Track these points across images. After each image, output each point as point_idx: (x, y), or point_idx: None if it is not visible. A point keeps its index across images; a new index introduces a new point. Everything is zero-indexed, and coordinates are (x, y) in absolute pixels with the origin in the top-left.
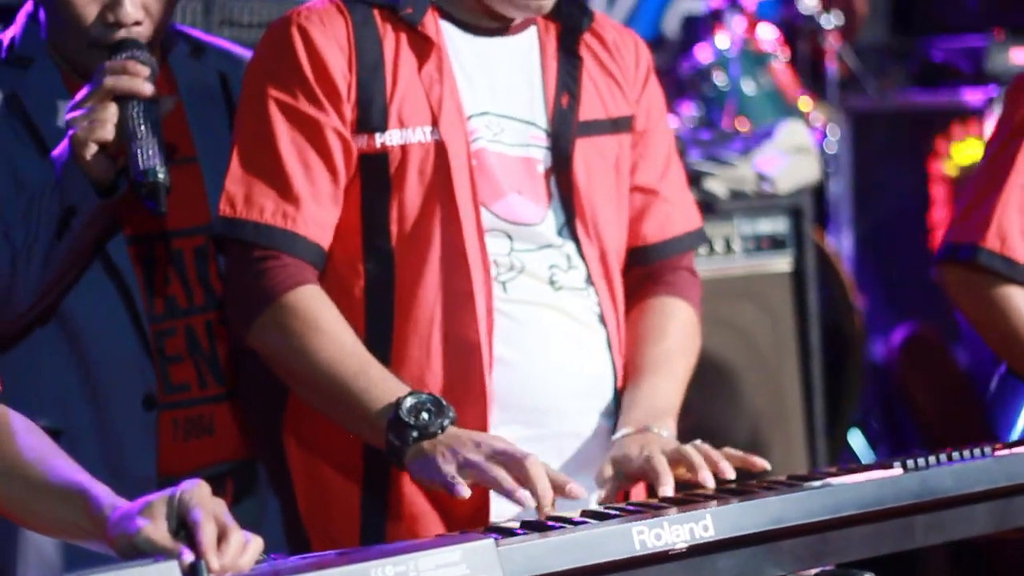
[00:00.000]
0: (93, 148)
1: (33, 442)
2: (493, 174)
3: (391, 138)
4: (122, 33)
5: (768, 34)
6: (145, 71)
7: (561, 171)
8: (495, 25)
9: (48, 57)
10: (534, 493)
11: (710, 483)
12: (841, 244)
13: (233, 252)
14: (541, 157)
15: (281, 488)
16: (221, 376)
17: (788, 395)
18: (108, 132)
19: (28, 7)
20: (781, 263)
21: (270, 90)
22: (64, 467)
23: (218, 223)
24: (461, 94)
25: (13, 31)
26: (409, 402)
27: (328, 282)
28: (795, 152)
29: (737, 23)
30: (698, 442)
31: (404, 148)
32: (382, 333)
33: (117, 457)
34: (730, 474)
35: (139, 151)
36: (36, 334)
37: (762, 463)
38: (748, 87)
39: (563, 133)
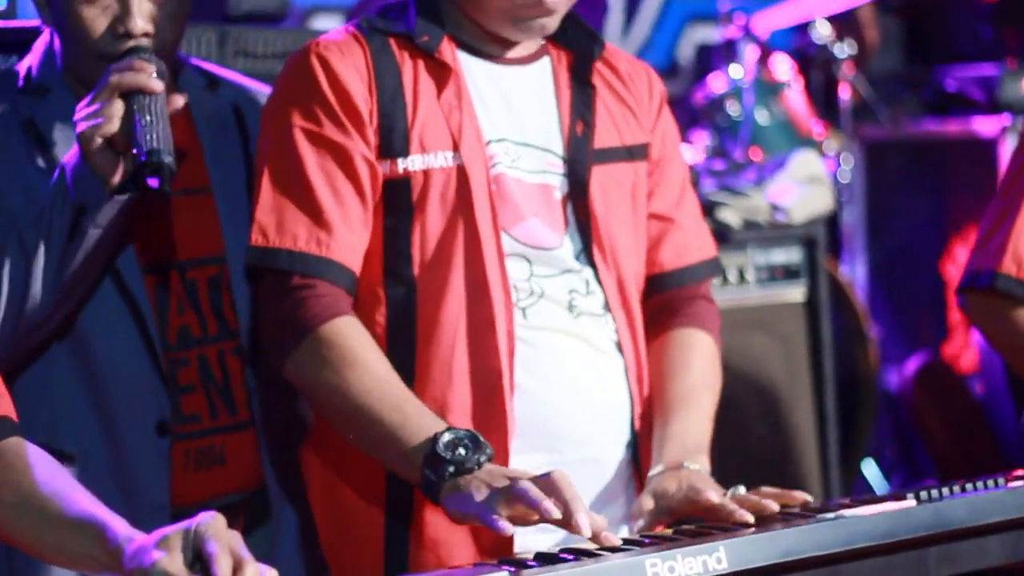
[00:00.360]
0: (99, 142)
1: (49, 474)
2: (512, 198)
3: (413, 163)
4: (131, 44)
5: (782, 64)
6: (151, 68)
7: (578, 198)
8: (506, 53)
9: (64, 86)
10: (565, 505)
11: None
12: (854, 273)
13: (267, 281)
14: (558, 184)
15: (300, 516)
16: (233, 406)
17: (801, 425)
18: (113, 126)
19: (45, 38)
20: (795, 293)
21: (294, 119)
22: (80, 500)
23: (251, 253)
24: (479, 120)
25: (30, 60)
26: (446, 438)
27: None
28: (809, 182)
29: (751, 53)
30: (741, 489)
31: (426, 173)
32: (404, 358)
33: (130, 483)
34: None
35: (145, 133)
36: (51, 358)
37: (802, 496)
38: (762, 117)
39: (579, 160)
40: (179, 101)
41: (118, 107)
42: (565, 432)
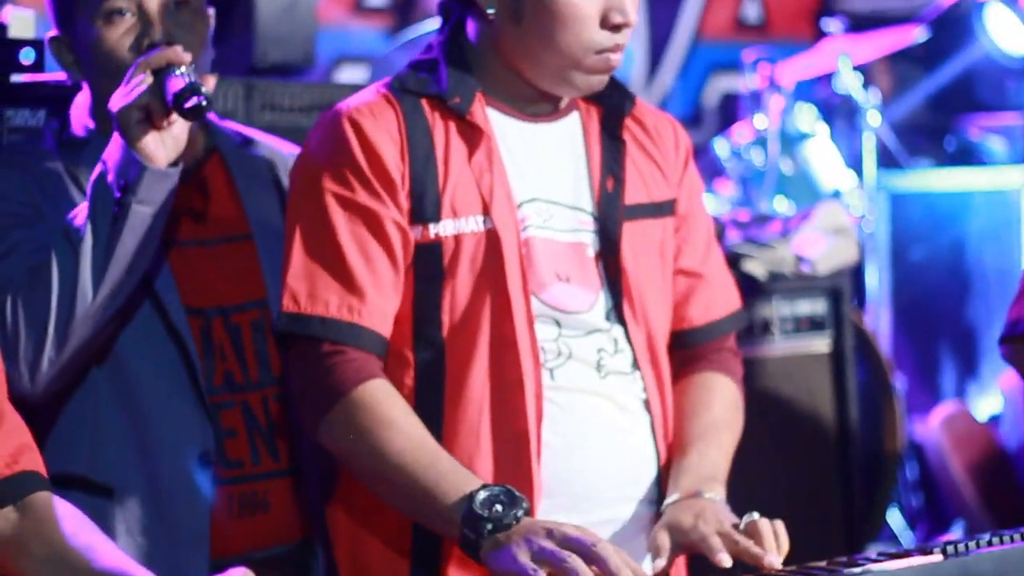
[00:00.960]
0: (136, 115)
1: (78, 528)
2: (543, 262)
3: (444, 228)
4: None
5: (806, 114)
6: (177, 47)
7: (609, 255)
8: (541, 109)
9: (100, 138)
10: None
11: (776, 565)
12: (879, 323)
13: (299, 348)
14: (589, 241)
15: (326, 567)
16: (276, 453)
17: (827, 474)
18: (145, 94)
19: (78, 98)
20: (820, 344)
21: (326, 183)
22: (110, 554)
23: (282, 319)
24: (510, 181)
25: (64, 121)
26: (482, 495)
27: None
28: (834, 233)
29: (775, 103)
30: (755, 516)
31: (457, 238)
32: (432, 420)
33: (170, 515)
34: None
35: (175, 75)
36: (93, 390)
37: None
38: (786, 167)
39: (610, 217)
40: (211, 81)
41: (149, 79)
42: (592, 493)
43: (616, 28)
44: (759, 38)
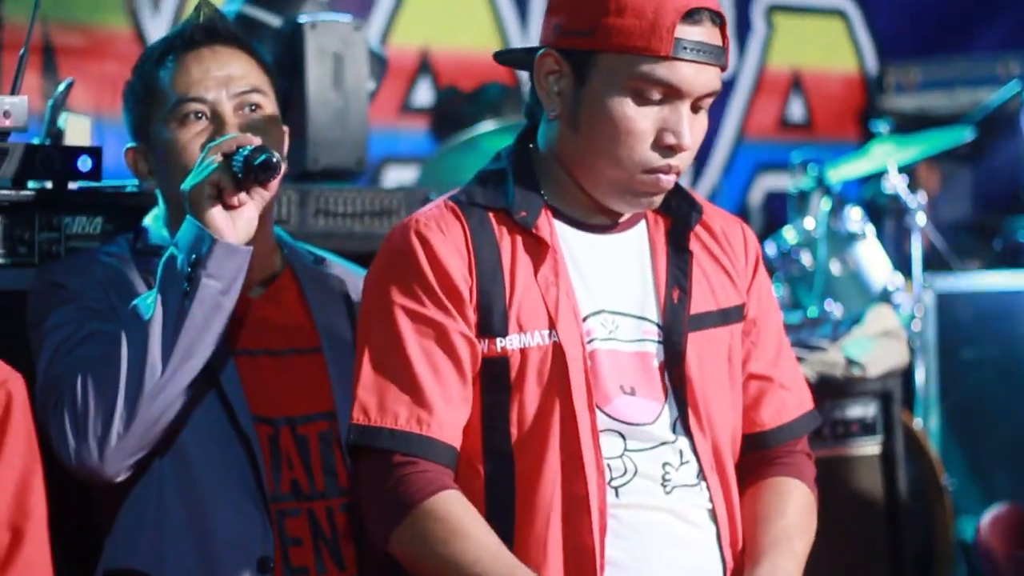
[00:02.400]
0: (208, 191)
1: None
2: (608, 375)
3: (511, 343)
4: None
5: (854, 214)
6: (248, 134)
7: (674, 366)
8: (606, 222)
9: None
10: None
11: None
12: (928, 424)
13: (369, 459)
14: (655, 351)
15: None
16: (341, 562)
17: None
18: (217, 173)
19: (153, 211)
20: (870, 446)
21: (395, 297)
22: None
23: (352, 431)
24: (576, 294)
25: (143, 225)
26: None
27: None
28: (884, 336)
29: (823, 203)
30: None
31: (523, 352)
32: (503, 531)
33: None
34: None
35: (246, 151)
36: (159, 488)
37: None
38: (835, 268)
39: (675, 328)
40: (283, 164)
41: (220, 159)
42: None
43: (670, 149)
44: (804, 137)
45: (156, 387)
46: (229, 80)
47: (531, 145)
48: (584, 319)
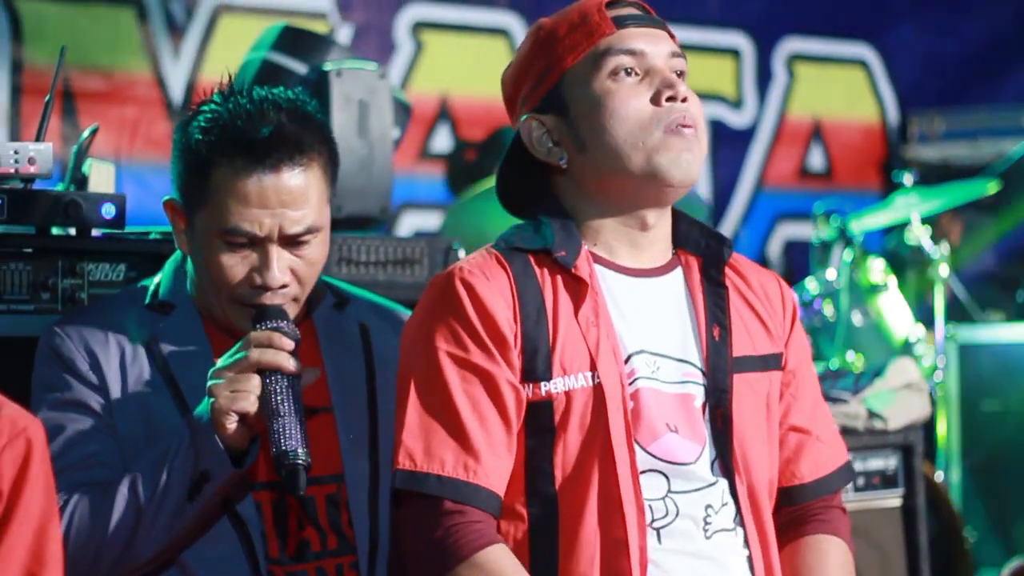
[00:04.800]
0: (234, 418)
1: None
2: (653, 413)
3: (556, 386)
4: (268, 296)
5: (876, 265)
6: (290, 345)
7: (717, 407)
8: (644, 265)
9: (191, 305)
10: None
11: None
12: (950, 476)
13: (415, 505)
14: (697, 393)
15: None
16: None
17: None
18: (251, 404)
19: (176, 257)
20: (891, 499)
21: (440, 343)
22: None
23: (398, 476)
24: (617, 333)
25: (159, 277)
26: None
27: None
28: (906, 389)
29: (845, 254)
30: None
31: (568, 395)
32: (547, 573)
33: None
34: None
35: (281, 429)
36: None
37: None
38: (856, 319)
39: (719, 368)
40: (311, 376)
41: (255, 384)
42: None
43: (672, 100)
44: (824, 186)
45: (137, 563)
46: (285, 217)
47: (560, 201)
48: (627, 359)
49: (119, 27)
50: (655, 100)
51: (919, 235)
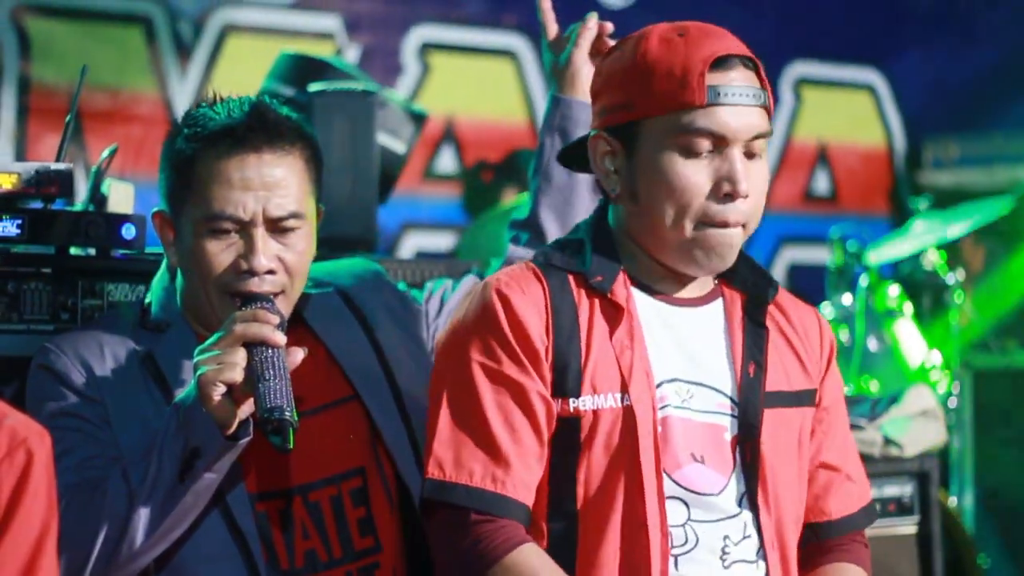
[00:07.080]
0: (221, 389)
1: None
2: (679, 441)
3: (584, 403)
4: (255, 282)
5: (892, 291)
6: (275, 319)
7: (747, 440)
8: (684, 296)
9: (183, 321)
10: None
11: None
12: (963, 502)
13: (444, 515)
14: (727, 425)
15: None
16: None
17: None
18: (237, 374)
19: (163, 278)
20: (906, 526)
21: (473, 354)
22: None
23: (427, 486)
24: (651, 359)
25: (148, 298)
26: None
27: None
28: (922, 416)
29: (861, 280)
30: None
31: (596, 413)
32: None
33: None
34: None
35: (267, 390)
36: None
37: None
38: (872, 345)
39: (751, 402)
40: (298, 355)
41: (241, 356)
42: None
43: (728, 197)
44: (828, 210)
45: (131, 554)
46: (268, 200)
47: (606, 221)
48: (658, 385)
49: (127, 46)
50: (715, 191)
51: (934, 261)
